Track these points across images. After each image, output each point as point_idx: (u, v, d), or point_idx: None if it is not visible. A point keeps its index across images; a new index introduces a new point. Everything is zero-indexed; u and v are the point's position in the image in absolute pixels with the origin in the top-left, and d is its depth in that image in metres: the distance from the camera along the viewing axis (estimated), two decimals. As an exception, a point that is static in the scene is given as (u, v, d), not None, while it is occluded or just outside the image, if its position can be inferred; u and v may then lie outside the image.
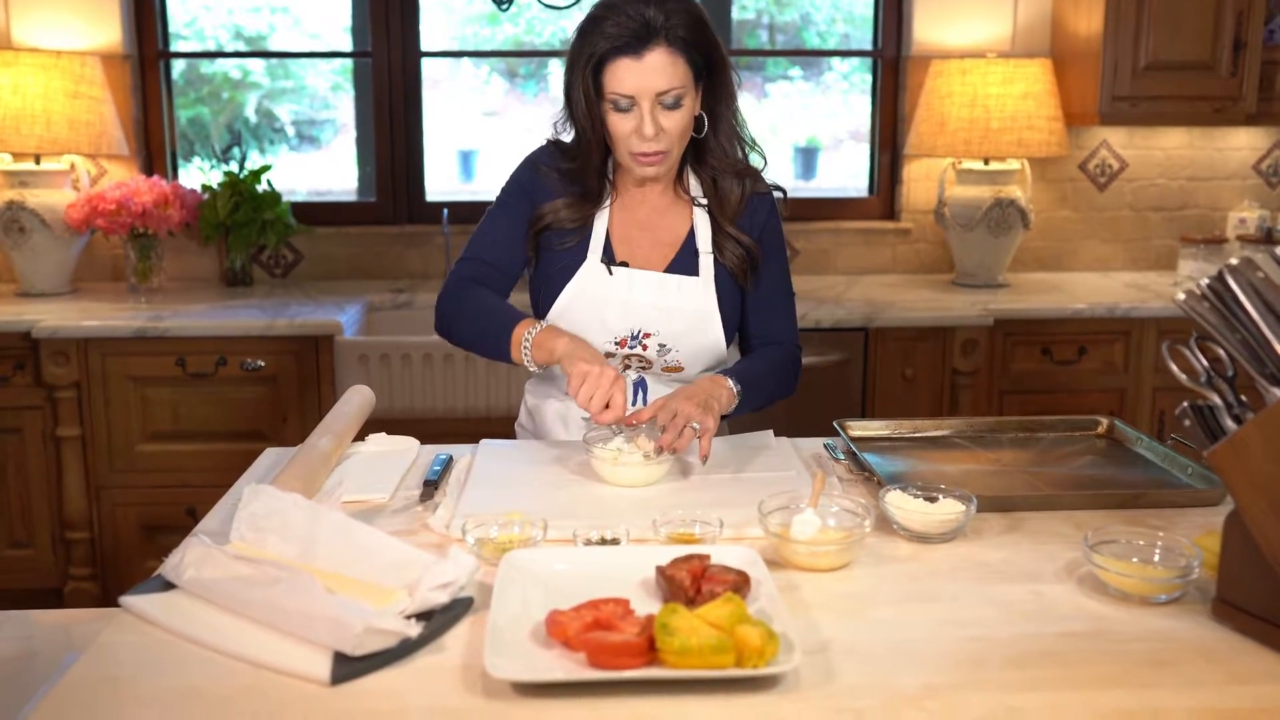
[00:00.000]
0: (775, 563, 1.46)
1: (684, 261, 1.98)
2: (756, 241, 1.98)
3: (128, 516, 3.22)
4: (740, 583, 1.33)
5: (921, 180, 3.78)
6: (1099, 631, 1.29)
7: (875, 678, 1.19)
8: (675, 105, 1.84)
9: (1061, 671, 1.21)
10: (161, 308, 3.29)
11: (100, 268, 3.67)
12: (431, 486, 1.72)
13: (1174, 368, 1.37)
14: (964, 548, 1.53)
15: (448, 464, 1.82)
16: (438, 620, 1.30)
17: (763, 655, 1.17)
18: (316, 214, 3.73)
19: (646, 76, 1.81)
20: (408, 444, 1.92)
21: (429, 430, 3.17)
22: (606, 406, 1.73)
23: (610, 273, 1.94)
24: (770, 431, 1.96)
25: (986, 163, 3.54)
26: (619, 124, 1.86)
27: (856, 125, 4.51)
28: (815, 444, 1.95)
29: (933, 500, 1.57)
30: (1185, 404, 1.35)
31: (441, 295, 1.98)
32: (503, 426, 3.12)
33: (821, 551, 1.44)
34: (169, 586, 1.39)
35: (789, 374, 2.00)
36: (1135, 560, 1.40)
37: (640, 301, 1.94)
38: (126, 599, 1.37)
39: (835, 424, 1.94)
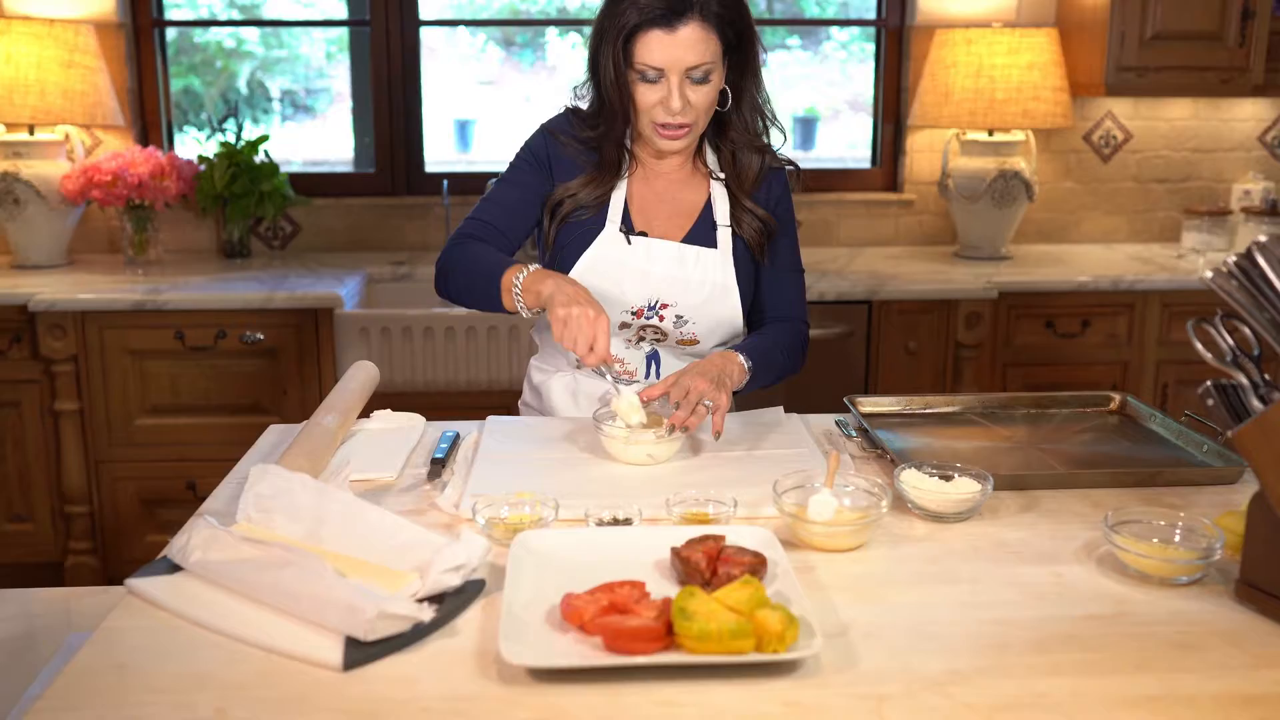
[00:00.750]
0: (790, 543, 1.44)
1: (701, 234, 1.94)
2: (771, 214, 1.95)
3: (127, 490, 3.19)
4: (757, 564, 1.31)
5: (925, 152, 3.74)
6: (1121, 614, 1.27)
7: (897, 662, 1.17)
8: (704, 80, 1.80)
9: (1085, 656, 1.18)
10: (159, 280, 3.25)
11: (96, 240, 3.63)
12: (439, 465, 1.69)
13: (1198, 346, 1.34)
14: (980, 527, 1.50)
15: (454, 441, 1.79)
16: (450, 603, 1.28)
17: (783, 640, 1.15)
18: (315, 185, 3.68)
19: (678, 50, 1.77)
20: (413, 421, 1.89)
21: (430, 404, 3.17)
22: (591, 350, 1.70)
23: (629, 242, 1.90)
24: (780, 408, 1.93)
25: (991, 134, 3.50)
26: (645, 94, 1.82)
27: (855, 95, 4.46)
28: (826, 420, 1.92)
29: (948, 479, 1.55)
30: (1209, 383, 1.33)
31: (442, 253, 1.93)
32: (505, 400, 3.10)
33: (838, 532, 1.41)
34: (175, 569, 1.36)
35: (798, 351, 1.98)
36: (1155, 541, 1.38)
37: (658, 272, 1.90)
38: (133, 582, 1.34)
39: (846, 400, 1.91)
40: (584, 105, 1.96)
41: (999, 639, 1.22)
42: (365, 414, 1.91)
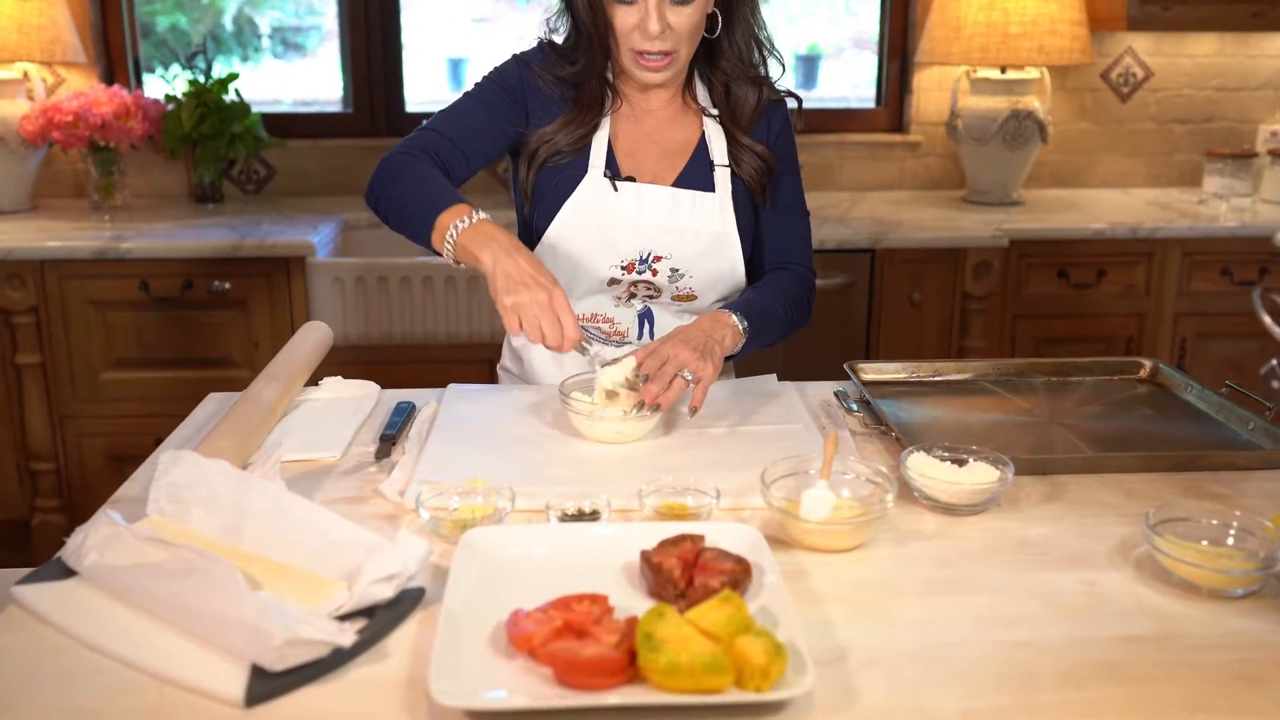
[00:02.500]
0: (780, 540, 1.23)
1: (695, 176, 1.71)
2: (771, 151, 1.72)
3: (94, 447, 2.99)
4: (739, 574, 1.10)
5: (933, 90, 3.48)
6: (1168, 635, 1.06)
7: (903, 699, 0.97)
8: (685, 0, 1.56)
9: (1128, 690, 0.98)
10: (125, 227, 3.02)
11: (62, 184, 3.39)
12: (389, 442, 1.48)
13: (1266, 319, 1.11)
14: (998, 521, 1.29)
15: (409, 414, 1.58)
16: (380, 619, 1.07)
17: (767, 676, 0.94)
18: (290, 126, 3.44)
19: None
20: (366, 390, 1.68)
21: (407, 358, 2.96)
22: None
23: (615, 188, 1.67)
24: (773, 376, 1.72)
25: (1003, 71, 3.24)
26: (622, 17, 1.58)
27: (859, 31, 4.18)
28: (824, 390, 1.70)
29: (961, 464, 1.34)
30: (1275, 361, 1.10)
31: (385, 157, 1.66)
32: (488, 354, 2.89)
33: (836, 531, 1.20)
34: (69, 573, 1.16)
35: (803, 304, 1.75)
36: (1205, 544, 1.17)
37: (650, 220, 1.67)
38: (18, 589, 1.13)
39: (847, 367, 1.70)
40: (559, 39, 1.72)
41: (1023, 667, 1.01)
42: (316, 380, 1.70)
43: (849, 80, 4.10)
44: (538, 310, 1.44)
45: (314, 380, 1.69)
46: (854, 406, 1.58)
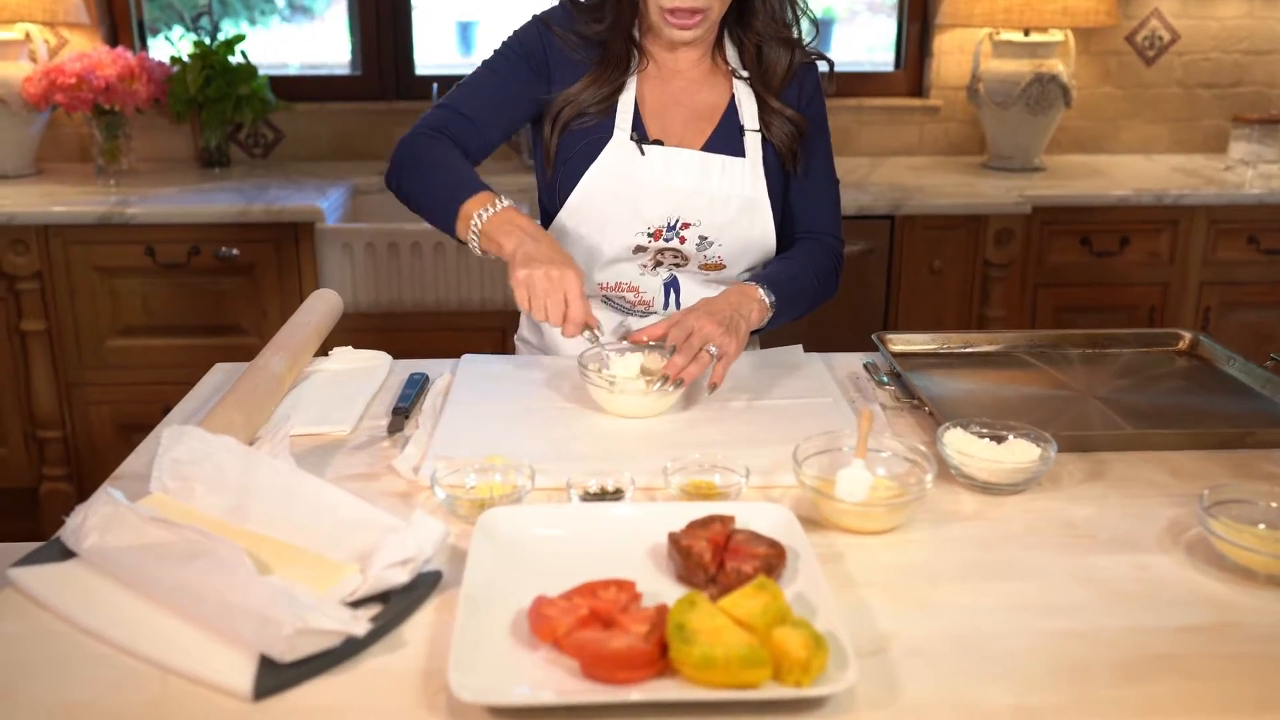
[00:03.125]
0: (812, 521, 1.17)
1: (724, 140, 1.63)
2: (802, 116, 1.64)
3: (101, 414, 2.94)
4: (773, 558, 1.04)
5: (953, 53, 3.38)
6: (1227, 625, 1.00)
7: (950, 694, 0.90)
8: None
9: (1187, 686, 0.91)
10: (130, 191, 2.95)
11: (67, 148, 3.32)
12: (401, 415, 1.42)
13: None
14: (1039, 501, 1.23)
15: (422, 386, 1.52)
16: (396, 605, 1.01)
17: (808, 670, 0.88)
18: (298, 89, 3.35)
19: None
20: (377, 360, 1.61)
21: (418, 325, 2.89)
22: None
23: (642, 151, 1.60)
24: (799, 347, 1.65)
25: (1027, 34, 3.14)
26: None
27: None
28: (852, 361, 1.63)
29: (1000, 440, 1.27)
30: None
31: (402, 140, 1.61)
32: (499, 321, 2.82)
33: (873, 513, 1.14)
34: (68, 555, 1.10)
35: (831, 275, 1.68)
36: (1263, 528, 1.10)
37: (678, 186, 1.60)
38: (14, 572, 1.07)
39: (875, 338, 1.63)
40: (582, -3, 1.64)
41: (1076, 660, 0.95)
42: (325, 350, 1.63)
43: (863, 44, 4.00)
44: (547, 286, 1.39)
45: (323, 350, 1.62)
46: (884, 379, 1.51)
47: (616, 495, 1.19)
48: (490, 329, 2.83)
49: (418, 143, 1.58)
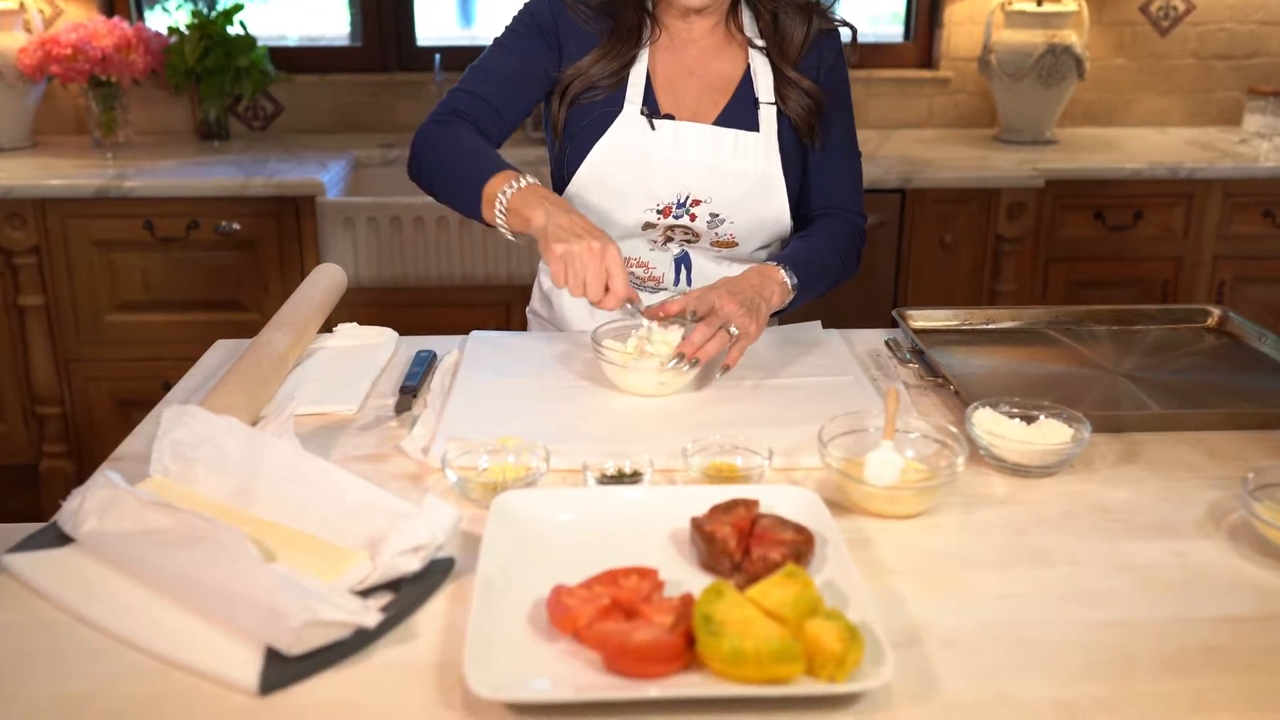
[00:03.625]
0: (836, 502, 1.12)
1: (738, 113, 1.58)
2: (821, 87, 1.58)
3: (100, 391, 2.89)
4: (801, 544, 0.99)
5: (964, 24, 3.31)
6: (1274, 615, 0.96)
7: (989, 687, 0.86)
8: None
9: (1238, 680, 0.87)
10: (127, 164, 2.89)
11: (63, 120, 3.25)
12: (409, 394, 1.37)
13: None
14: (1072, 484, 1.18)
15: (430, 364, 1.47)
16: (407, 594, 0.97)
17: (843, 664, 0.84)
18: (298, 60, 3.29)
19: None
20: (382, 336, 1.56)
21: (423, 301, 2.83)
22: (606, 289, 1.36)
23: (652, 126, 1.54)
24: (818, 323, 1.60)
25: (1039, 3, 3.07)
26: None
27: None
28: (872, 338, 1.59)
29: (1030, 420, 1.22)
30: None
31: (420, 128, 1.57)
32: (505, 296, 2.77)
33: (903, 496, 1.09)
34: (65, 540, 1.05)
35: (852, 254, 1.62)
36: (1308, 512, 1.05)
37: (689, 161, 1.54)
38: (9, 558, 1.03)
39: (895, 314, 1.58)
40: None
41: (1118, 651, 0.90)
42: (329, 327, 1.58)
43: (868, 15, 3.93)
44: (589, 259, 1.33)
45: (327, 327, 1.57)
46: (907, 356, 1.46)
47: (634, 478, 1.14)
48: (495, 304, 2.78)
49: (434, 130, 1.54)
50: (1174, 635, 0.92)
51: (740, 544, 1.00)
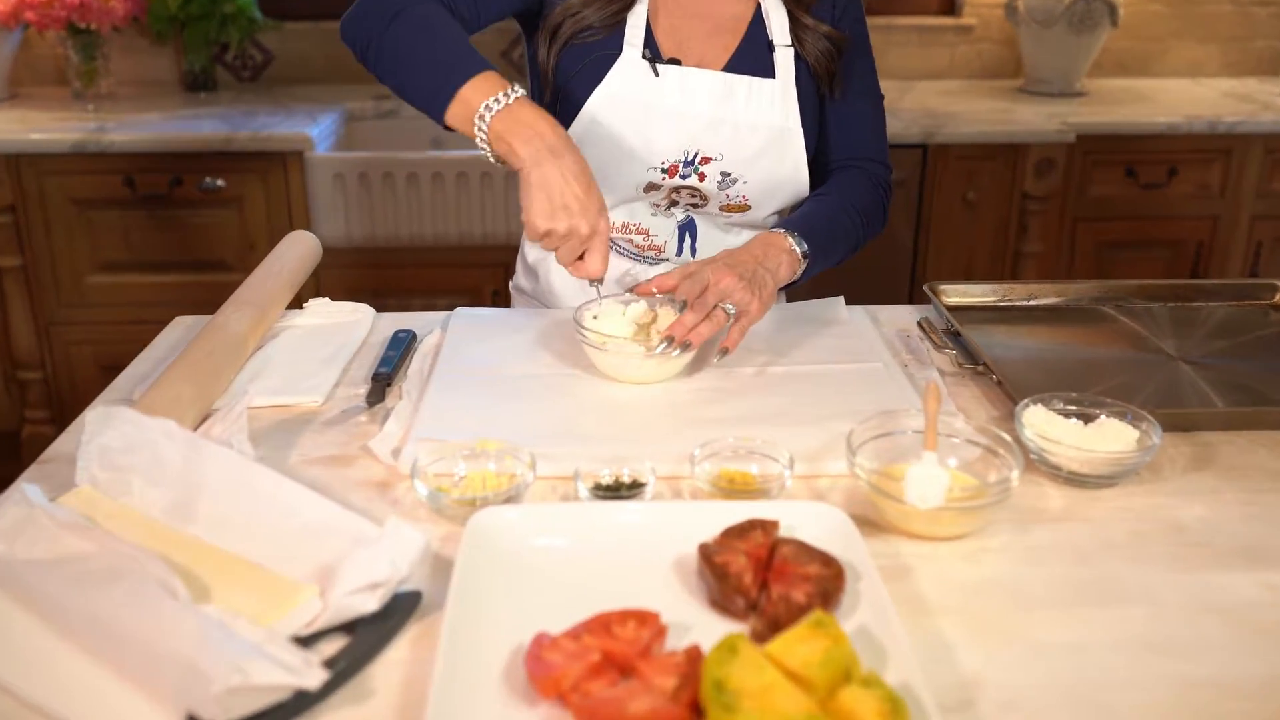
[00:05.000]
0: (866, 518, 0.95)
1: (750, 58, 1.39)
2: (837, 29, 1.39)
3: (83, 355, 2.73)
4: (829, 581, 0.82)
5: (989, -33, 3.10)
6: (1398, 672, 0.79)
7: (1061, 770, 0.70)
8: None
9: (1364, 761, 0.71)
10: (108, 117, 2.70)
11: (42, 71, 3.06)
12: (382, 383, 1.20)
13: None
14: (1139, 497, 1.01)
15: (408, 346, 1.30)
16: (364, 638, 0.81)
17: (885, 749, 0.67)
18: (287, 6, 3.08)
19: None
20: (357, 315, 1.39)
21: (415, 261, 2.65)
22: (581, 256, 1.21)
23: (655, 72, 1.35)
24: (840, 299, 1.42)
25: (1071, -55, 2.85)
26: None
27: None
28: (901, 316, 1.41)
29: (1088, 420, 1.05)
30: None
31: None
32: (504, 256, 2.59)
33: (947, 517, 0.92)
34: (-30, 565, 0.89)
35: (877, 210, 1.43)
36: None
37: (697, 112, 1.35)
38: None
39: (927, 289, 1.40)
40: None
41: (1214, 718, 0.74)
42: (299, 303, 1.41)
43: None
44: (576, 245, 1.18)
45: (297, 302, 1.40)
46: (944, 340, 1.28)
47: (634, 490, 0.97)
48: (493, 265, 2.60)
49: (407, 7, 1.26)
50: (1278, 695, 0.76)
51: (757, 578, 0.83)
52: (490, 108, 1.18)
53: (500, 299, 2.61)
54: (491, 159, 1.22)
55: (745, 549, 0.85)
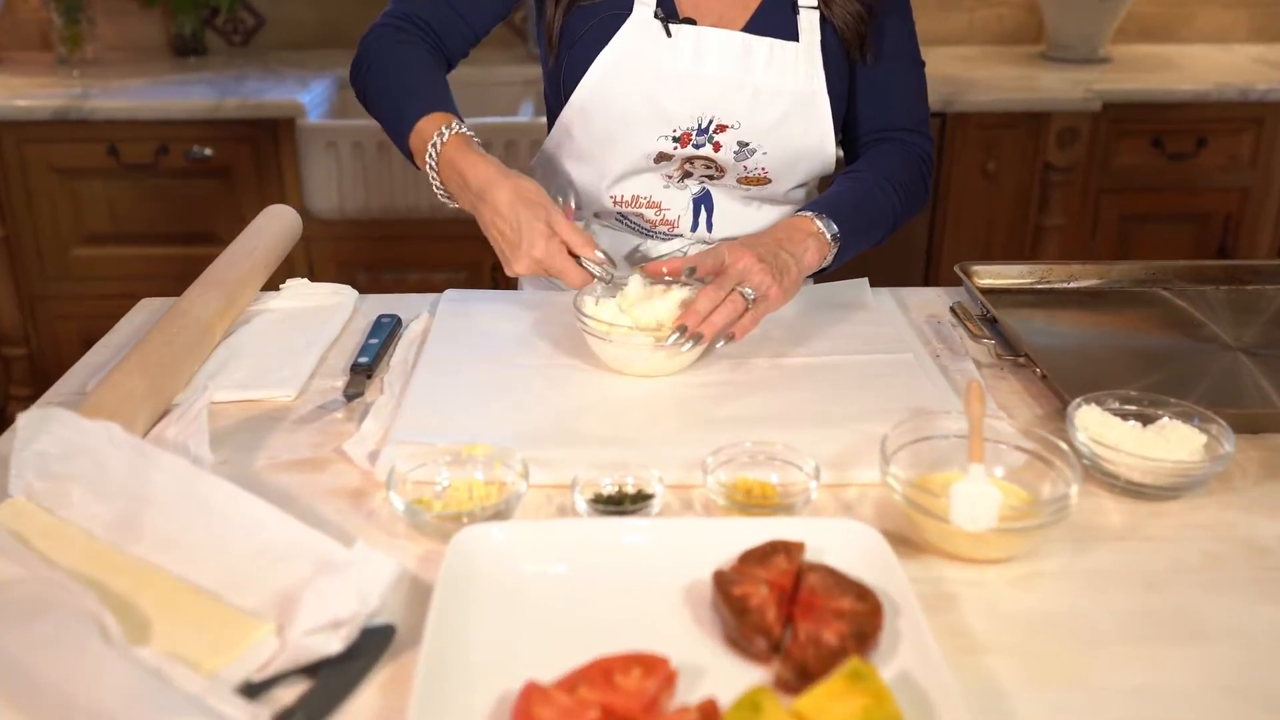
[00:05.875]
0: (901, 535, 0.83)
1: (771, 18, 1.25)
2: None
3: (68, 330, 2.61)
4: (864, 618, 0.70)
5: (1010, -74, 2.94)
6: None
7: None
8: None
9: None
10: (92, 83, 2.56)
11: (26, 35, 2.92)
12: (362, 374, 1.08)
13: None
14: (1208, 509, 0.89)
15: (392, 332, 1.17)
16: (327, 683, 0.69)
17: (940, 838, 0.55)
18: (280, -33, 2.94)
19: None
20: (338, 297, 1.26)
21: (411, 234, 2.52)
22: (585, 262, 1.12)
23: (668, 33, 1.22)
24: (864, 281, 1.29)
25: (1097, -97, 2.70)
26: None
27: None
28: (930, 299, 1.28)
29: (1148, 421, 0.93)
30: None
31: (371, 27, 1.30)
32: (502, 231, 2.46)
33: (995, 539, 0.80)
34: (-118, 592, 0.77)
35: (916, 186, 1.30)
36: None
37: (712, 76, 1.22)
38: None
39: (958, 270, 1.27)
40: None
41: (1322, 790, 0.62)
42: (275, 284, 1.29)
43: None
44: (533, 235, 1.09)
45: (273, 284, 1.28)
46: (981, 327, 1.16)
47: (639, 502, 0.85)
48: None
49: (377, 40, 1.28)
50: (1393, 761, 0.64)
51: (781, 613, 0.71)
52: (436, 146, 1.16)
53: (501, 274, 2.48)
54: (447, 201, 1.24)
55: (767, 578, 0.73)
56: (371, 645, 0.72)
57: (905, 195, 1.26)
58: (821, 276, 1.23)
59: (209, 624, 0.72)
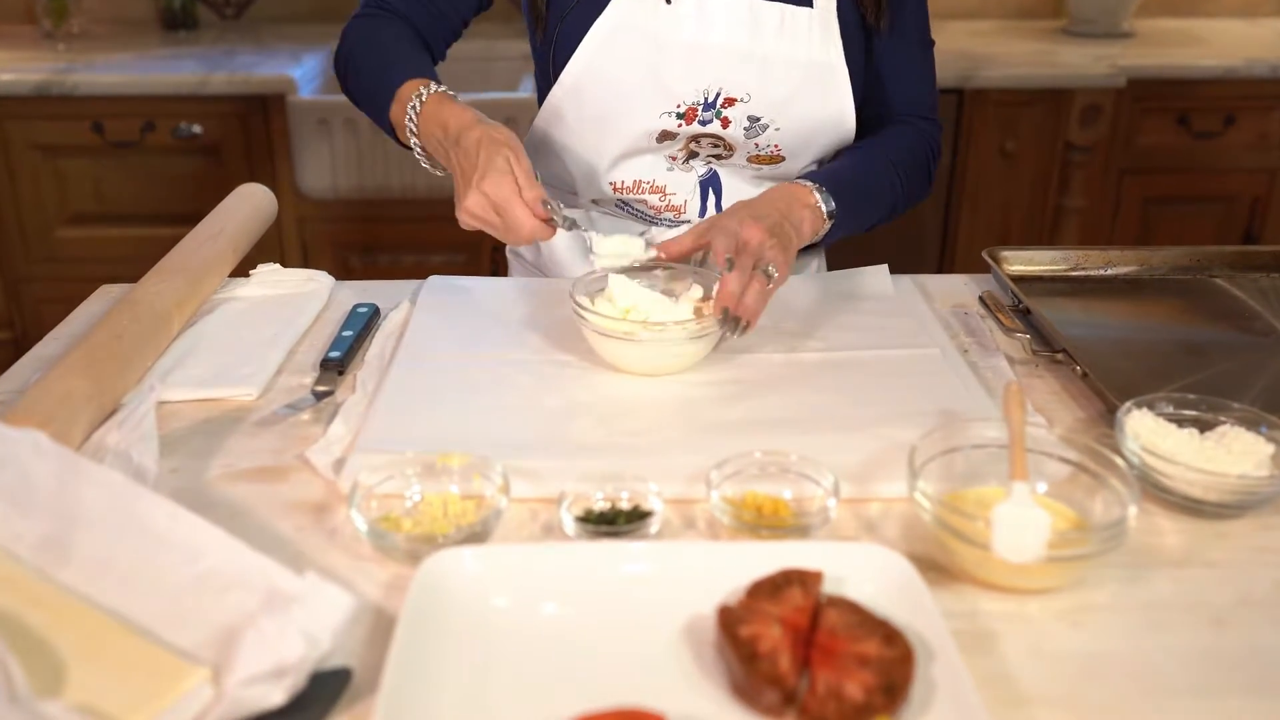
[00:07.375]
0: (929, 560, 0.73)
1: None
2: None
3: (54, 314, 2.45)
4: (893, 667, 0.60)
5: (1030, -105, 2.81)
6: None
7: None
8: None
9: None
10: (77, 57, 2.46)
11: (9, 7, 2.81)
12: (333, 371, 0.98)
13: None
14: (1274, 531, 0.78)
15: (369, 323, 1.07)
16: (267, 742, 0.59)
17: None
18: (273, -63, 2.82)
19: None
20: (313, 284, 1.15)
21: (406, 214, 2.41)
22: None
23: (668, 0, 1.11)
24: (884, 268, 1.18)
25: None
26: None
27: None
28: (955, 288, 1.17)
29: (1206, 428, 0.82)
30: None
31: (343, 32, 1.23)
32: (500, 212, 2.36)
33: (1040, 571, 0.69)
34: None
35: (921, 169, 1.20)
36: None
37: (719, 45, 1.11)
38: None
39: (987, 256, 1.17)
40: None
41: None
42: (245, 270, 1.18)
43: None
44: (495, 176, 1.00)
45: (243, 269, 1.18)
46: (1015, 319, 1.05)
47: (635, 520, 0.75)
48: (489, 221, 2.36)
49: (357, 29, 1.21)
50: None
51: (796, 659, 0.61)
52: (414, 110, 1.09)
53: (500, 255, 2.38)
54: (429, 166, 1.19)
55: (779, 615, 0.63)
56: (323, 693, 0.62)
57: (909, 184, 1.16)
58: (810, 251, 1.13)
59: (135, 669, 0.62)
